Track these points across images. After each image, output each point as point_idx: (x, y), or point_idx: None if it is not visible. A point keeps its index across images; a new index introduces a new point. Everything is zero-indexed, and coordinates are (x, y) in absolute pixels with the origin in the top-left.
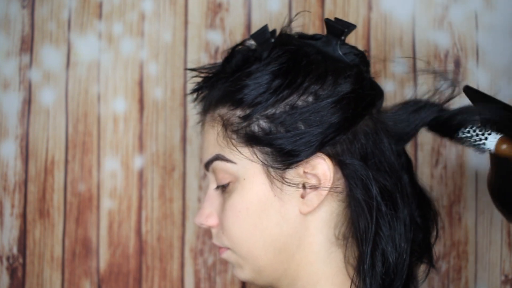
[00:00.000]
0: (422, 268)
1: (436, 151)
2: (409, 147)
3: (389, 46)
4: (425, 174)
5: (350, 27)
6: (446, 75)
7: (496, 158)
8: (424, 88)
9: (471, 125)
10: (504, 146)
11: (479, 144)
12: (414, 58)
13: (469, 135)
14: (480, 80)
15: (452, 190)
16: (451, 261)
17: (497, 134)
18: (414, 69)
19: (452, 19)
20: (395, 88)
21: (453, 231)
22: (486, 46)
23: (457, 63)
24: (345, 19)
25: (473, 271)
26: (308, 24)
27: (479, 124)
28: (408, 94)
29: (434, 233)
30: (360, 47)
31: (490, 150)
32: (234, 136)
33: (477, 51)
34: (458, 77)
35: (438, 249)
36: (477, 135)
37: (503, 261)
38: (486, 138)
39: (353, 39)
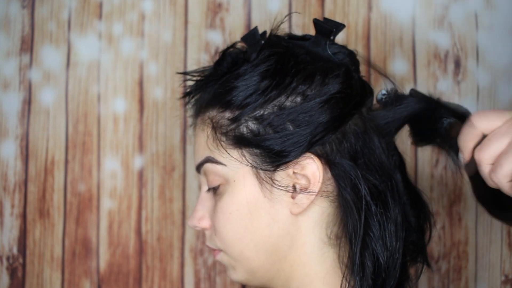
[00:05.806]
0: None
1: (436, 151)
2: (409, 147)
3: (389, 46)
4: (425, 174)
5: (339, 26)
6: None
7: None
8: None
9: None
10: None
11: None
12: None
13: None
14: (480, 80)
15: (452, 190)
16: (451, 261)
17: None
18: (414, 69)
19: (452, 19)
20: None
21: (453, 231)
22: (486, 46)
23: (457, 63)
24: (345, 19)
25: (473, 271)
26: (308, 24)
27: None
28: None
29: (428, 233)
30: (360, 47)
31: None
32: (224, 138)
33: (477, 51)
34: (458, 77)
35: (438, 249)
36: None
37: (503, 261)
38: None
39: (353, 39)
